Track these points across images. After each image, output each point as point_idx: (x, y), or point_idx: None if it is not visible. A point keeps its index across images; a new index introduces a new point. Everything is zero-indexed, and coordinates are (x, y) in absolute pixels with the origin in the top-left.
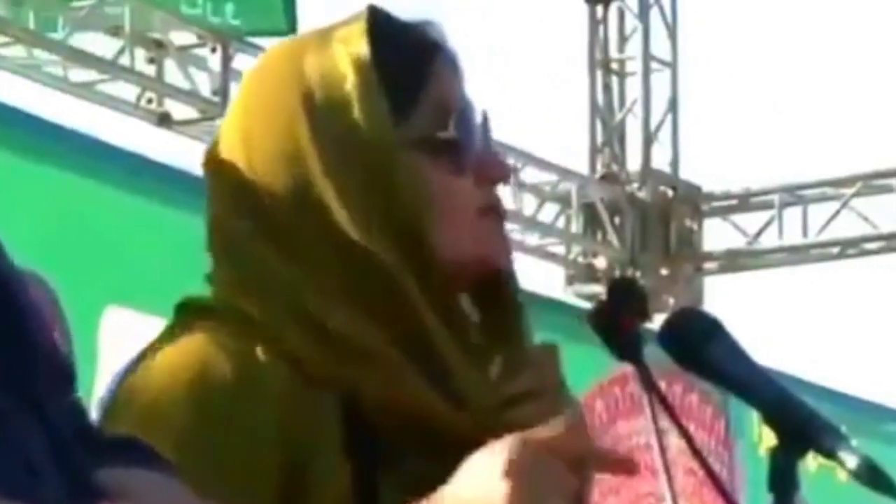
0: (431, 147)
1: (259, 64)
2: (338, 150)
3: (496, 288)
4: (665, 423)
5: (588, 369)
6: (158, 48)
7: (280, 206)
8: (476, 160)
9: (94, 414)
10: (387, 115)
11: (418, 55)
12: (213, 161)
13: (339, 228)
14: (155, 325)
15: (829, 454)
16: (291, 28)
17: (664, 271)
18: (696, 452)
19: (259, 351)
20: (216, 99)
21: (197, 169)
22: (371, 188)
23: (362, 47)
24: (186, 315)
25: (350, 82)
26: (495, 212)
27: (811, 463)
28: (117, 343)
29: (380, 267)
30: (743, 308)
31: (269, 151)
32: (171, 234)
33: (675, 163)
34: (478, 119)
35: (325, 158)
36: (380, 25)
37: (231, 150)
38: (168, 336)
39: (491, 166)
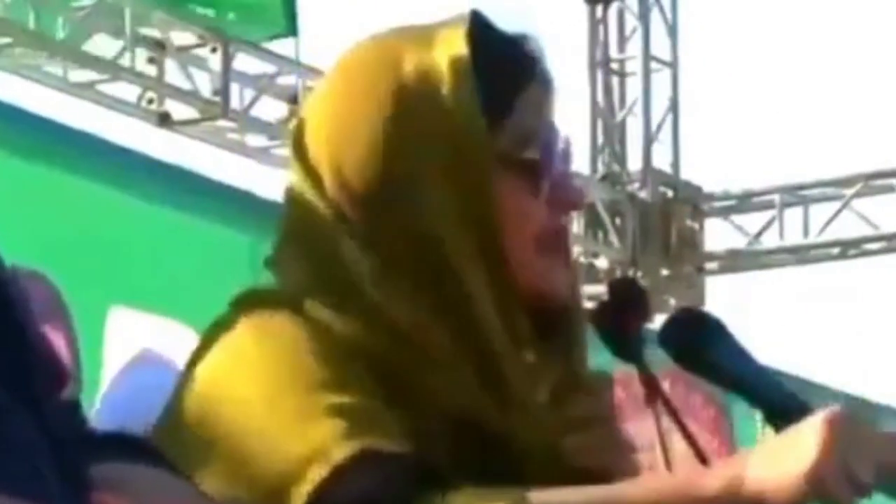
0: (513, 164)
1: (354, 53)
2: (427, 151)
3: (555, 313)
4: (668, 423)
5: None
6: (159, 48)
7: (364, 197)
8: (553, 182)
9: (96, 412)
10: (483, 124)
11: (516, 69)
12: (297, 148)
13: (418, 226)
14: (159, 325)
15: None
16: (292, 29)
17: (665, 271)
18: (700, 453)
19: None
20: (216, 99)
21: (199, 169)
22: (457, 193)
23: (463, 51)
24: (251, 306)
25: (448, 85)
26: (562, 238)
27: None
28: (123, 343)
29: (454, 269)
30: (744, 308)
31: (358, 146)
32: (175, 234)
33: (675, 163)
34: (560, 143)
35: (412, 157)
36: (481, 31)
37: (318, 141)
38: (228, 323)
39: (566, 192)
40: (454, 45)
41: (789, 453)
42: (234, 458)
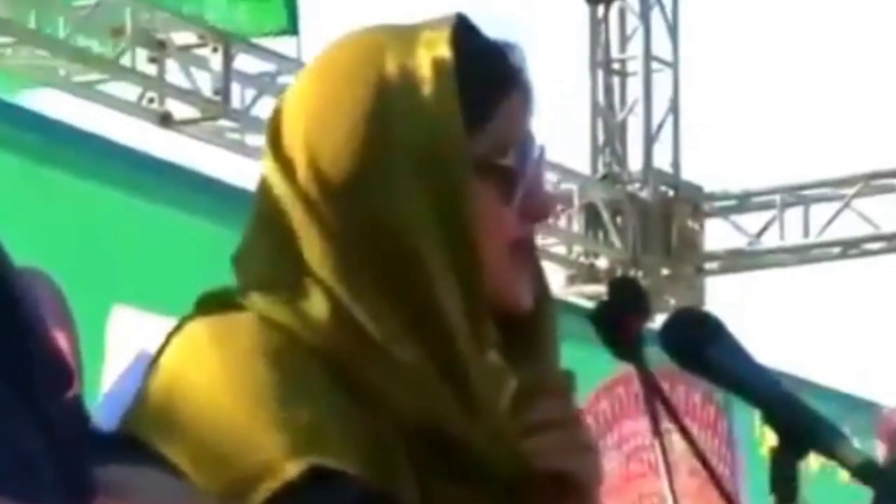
0: (489, 171)
1: (337, 47)
2: (404, 151)
3: (521, 319)
4: (668, 423)
5: (592, 369)
6: (160, 48)
7: (333, 194)
8: (525, 194)
9: (107, 413)
10: (462, 127)
11: (498, 76)
12: (275, 137)
13: (388, 222)
14: (161, 324)
15: (831, 454)
16: (293, 28)
17: (665, 271)
18: (699, 453)
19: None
20: (217, 99)
21: (200, 168)
22: (431, 193)
23: (446, 54)
24: (211, 308)
25: (429, 87)
26: (528, 249)
27: (813, 463)
28: (124, 342)
29: (423, 268)
30: (744, 308)
31: (335, 140)
32: (177, 233)
33: (676, 163)
34: (535, 152)
35: (388, 156)
36: (465, 35)
37: (295, 131)
38: (196, 333)
39: (537, 202)
40: (437, 47)
41: None
42: (191, 456)
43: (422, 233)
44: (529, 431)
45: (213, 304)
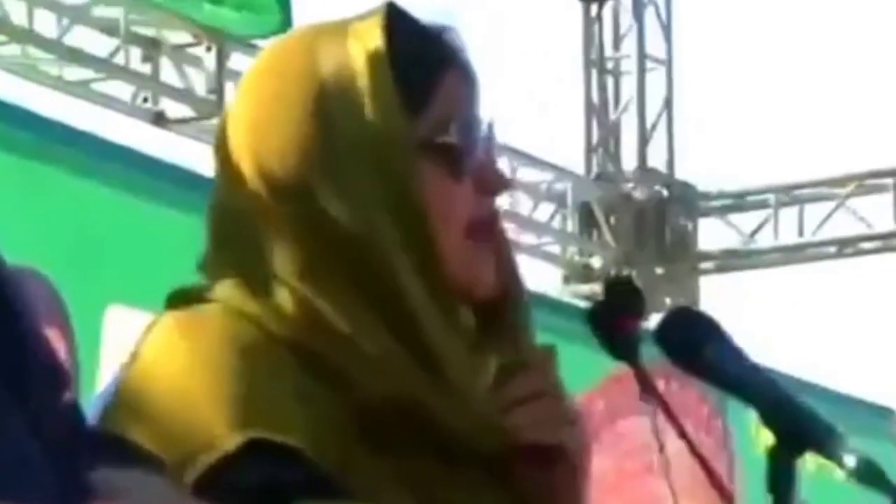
0: (433, 150)
1: (270, 53)
2: (347, 144)
3: (493, 301)
4: (663, 422)
5: (587, 369)
6: (153, 47)
7: (284, 197)
8: (476, 169)
9: (95, 412)
10: (399, 112)
11: (432, 58)
12: (221, 149)
13: (342, 218)
14: None
15: (827, 454)
16: (287, 27)
17: (660, 271)
18: (696, 452)
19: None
20: (211, 98)
21: (194, 167)
22: (378, 184)
23: (378, 43)
24: (180, 303)
25: (364, 78)
26: (490, 228)
27: (811, 463)
28: (120, 342)
29: (382, 259)
30: (739, 307)
31: (278, 142)
32: (172, 232)
33: (670, 162)
34: (482, 129)
35: (333, 151)
36: (397, 23)
37: (239, 139)
38: (166, 323)
39: (490, 175)
40: (369, 38)
41: None
42: (153, 437)
43: (375, 222)
44: (509, 406)
45: (183, 299)
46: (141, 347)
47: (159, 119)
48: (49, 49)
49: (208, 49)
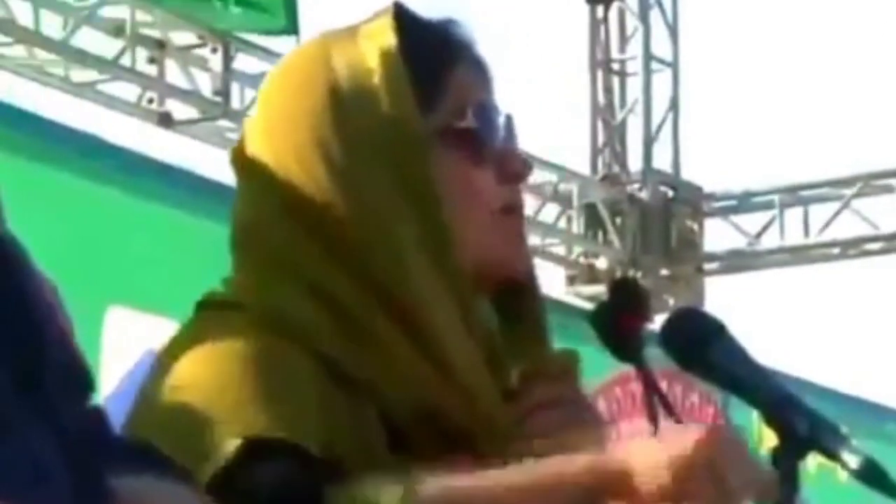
0: (451, 137)
1: (284, 63)
2: (364, 141)
3: (517, 295)
4: (667, 423)
5: (589, 369)
6: (159, 48)
7: (305, 197)
8: (497, 155)
9: (115, 416)
10: (414, 106)
11: (443, 51)
12: (239, 159)
13: (361, 213)
14: (158, 325)
15: (831, 454)
16: (293, 28)
17: (665, 272)
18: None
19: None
20: (217, 99)
21: (198, 169)
22: (396, 179)
23: (389, 40)
24: (209, 310)
25: (378, 75)
26: (517, 212)
27: (811, 463)
28: (121, 343)
29: (398, 260)
30: (744, 308)
31: (296, 145)
32: (174, 234)
33: (676, 163)
34: (501, 118)
35: (350, 149)
36: (405, 20)
37: (256, 147)
38: (190, 330)
39: (512, 161)
40: (381, 37)
41: (665, 445)
42: (170, 445)
43: (391, 220)
44: (530, 413)
45: (211, 304)
46: (165, 352)
47: (165, 120)
48: (55, 50)
49: (214, 50)
